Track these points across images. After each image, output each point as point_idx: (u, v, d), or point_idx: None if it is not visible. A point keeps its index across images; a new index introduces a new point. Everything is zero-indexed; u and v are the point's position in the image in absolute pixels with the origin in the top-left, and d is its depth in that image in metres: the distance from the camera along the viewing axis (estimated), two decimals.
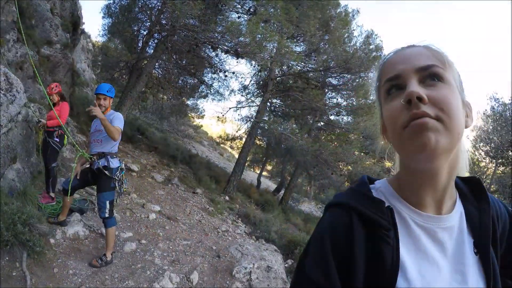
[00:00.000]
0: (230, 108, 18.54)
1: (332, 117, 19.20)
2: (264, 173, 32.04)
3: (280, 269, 6.46)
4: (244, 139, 18.34)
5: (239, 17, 12.92)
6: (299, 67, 16.61)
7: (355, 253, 0.87)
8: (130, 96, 12.80)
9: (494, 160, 18.13)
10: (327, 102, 18.17)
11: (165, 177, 11.97)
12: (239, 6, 13.11)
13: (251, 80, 19.28)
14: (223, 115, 18.51)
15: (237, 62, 15.19)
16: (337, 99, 18.84)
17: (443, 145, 0.81)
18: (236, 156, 22.69)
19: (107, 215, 4.91)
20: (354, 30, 16.87)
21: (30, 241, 4.32)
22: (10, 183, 5.41)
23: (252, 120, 17.32)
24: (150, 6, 13.93)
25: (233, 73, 15.72)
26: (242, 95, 19.82)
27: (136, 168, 10.96)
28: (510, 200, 14.46)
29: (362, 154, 16.35)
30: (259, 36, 11.29)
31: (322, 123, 19.31)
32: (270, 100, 17.89)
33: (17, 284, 3.93)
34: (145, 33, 14.93)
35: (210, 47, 13.45)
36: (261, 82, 19.09)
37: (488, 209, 0.95)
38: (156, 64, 14.72)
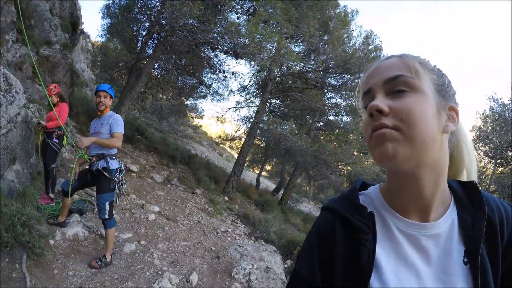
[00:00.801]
0: (229, 109, 18.57)
1: (331, 117, 19.22)
2: (263, 173, 32.09)
3: (279, 270, 6.48)
4: (243, 139, 18.35)
5: (238, 18, 12.94)
6: (298, 68, 16.61)
7: (335, 254, 0.94)
8: (129, 96, 12.81)
9: (493, 160, 18.13)
10: (326, 102, 18.18)
11: (164, 177, 11.97)
12: (239, 7, 13.11)
13: (250, 81, 19.33)
14: (222, 115, 18.53)
15: (236, 62, 15.23)
16: (336, 99, 18.87)
17: (402, 154, 0.83)
18: (235, 156, 22.70)
19: (106, 216, 4.92)
20: (353, 30, 16.92)
21: (29, 242, 4.33)
22: (9, 184, 5.41)
23: (251, 120, 17.34)
24: (149, 6, 13.93)
25: (233, 73, 15.75)
26: (241, 96, 19.85)
27: (135, 169, 10.96)
28: (510, 200, 14.45)
29: (361, 154, 16.32)
30: (259, 36, 11.30)
31: (321, 123, 19.35)
32: (269, 101, 17.91)
33: (17, 285, 3.94)
34: (144, 33, 14.95)
35: (209, 47, 13.47)
36: (260, 83, 19.13)
37: (483, 216, 0.91)
38: (155, 64, 14.73)
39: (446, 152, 0.93)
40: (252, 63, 15.96)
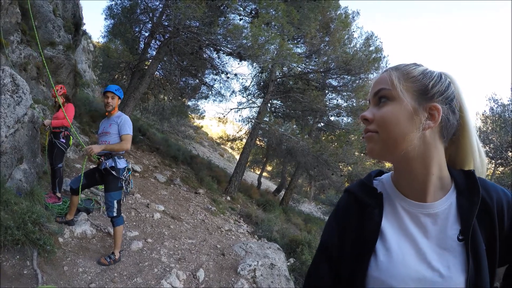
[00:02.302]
0: (231, 109, 18.60)
1: (332, 118, 19.31)
2: (264, 173, 32.12)
3: (283, 267, 6.57)
4: (244, 140, 18.39)
5: (241, 20, 13.00)
6: (299, 69, 16.70)
7: (349, 224, 1.21)
8: (133, 97, 12.87)
9: (493, 161, 18.11)
10: (327, 103, 18.26)
11: (167, 177, 12.05)
12: (241, 9, 13.17)
13: (252, 81, 19.37)
14: (224, 116, 18.57)
15: (238, 64, 15.27)
16: (337, 100, 18.94)
17: (377, 150, 1.12)
18: (236, 156, 22.80)
19: (115, 214, 5.00)
20: (354, 31, 16.96)
21: (40, 240, 4.38)
22: (17, 184, 5.47)
23: (253, 121, 17.38)
24: (152, 8, 13.99)
25: (235, 75, 15.76)
26: (243, 96, 19.90)
27: (139, 169, 11.04)
28: None
29: (362, 154, 16.39)
30: (262, 38, 11.36)
31: (322, 124, 19.42)
32: (271, 101, 17.96)
33: (28, 281, 3.99)
34: (146, 34, 15.01)
35: (212, 49, 13.53)
36: (262, 83, 19.19)
37: (477, 200, 1.08)
38: (158, 65, 14.78)
39: (433, 145, 1.10)
40: (254, 64, 16.01)
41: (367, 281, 1.10)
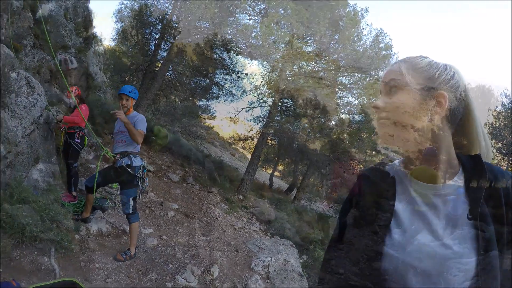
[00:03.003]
0: (242, 109, 18.57)
1: (343, 116, 19.20)
2: (276, 173, 32.08)
3: (296, 263, 6.62)
4: (256, 140, 18.37)
5: (250, 19, 13.03)
6: (310, 67, 16.63)
7: (363, 207, 1.28)
8: (145, 98, 12.97)
9: (506, 157, 17.95)
10: (338, 101, 18.15)
11: (180, 177, 12.12)
12: (250, 9, 13.20)
13: (262, 80, 19.32)
14: (235, 116, 18.58)
15: (249, 63, 15.27)
16: (348, 98, 18.79)
17: (388, 135, 1.21)
18: (248, 156, 22.74)
19: (131, 211, 5.09)
20: (363, 29, 16.74)
21: (57, 236, 4.47)
22: (34, 183, 5.58)
23: (264, 120, 17.38)
24: (161, 9, 14.07)
25: (246, 74, 15.78)
26: (253, 96, 19.85)
27: (152, 168, 11.12)
28: None
29: (373, 152, 16.34)
30: (271, 37, 11.38)
31: (333, 122, 19.32)
32: (281, 100, 17.93)
33: (46, 276, 4.08)
34: (157, 36, 15.10)
35: (223, 49, 13.58)
36: (272, 82, 19.15)
37: (484, 181, 1.15)
38: (169, 66, 14.84)
39: (441, 130, 1.17)
40: (265, 63, 16.02)
41: (383, 259, 1.15)
